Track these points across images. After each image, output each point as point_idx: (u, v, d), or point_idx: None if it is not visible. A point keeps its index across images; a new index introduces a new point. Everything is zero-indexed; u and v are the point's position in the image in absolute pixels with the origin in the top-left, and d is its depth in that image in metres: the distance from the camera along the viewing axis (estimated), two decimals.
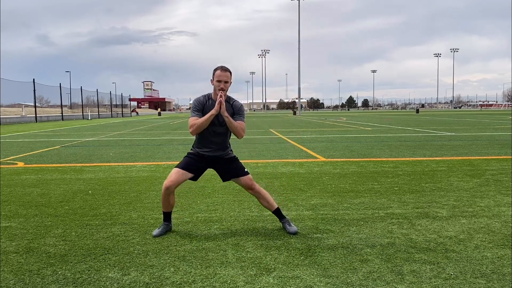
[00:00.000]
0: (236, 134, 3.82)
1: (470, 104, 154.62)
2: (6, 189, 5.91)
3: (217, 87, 3.68)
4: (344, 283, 2.73)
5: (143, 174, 7.10)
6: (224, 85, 3.66)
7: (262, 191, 3.92)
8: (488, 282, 2.73)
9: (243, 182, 3.86)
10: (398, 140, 13.23)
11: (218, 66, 3.74)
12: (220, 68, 3.70)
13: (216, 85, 3.68)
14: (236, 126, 3.75)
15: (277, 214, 3.93)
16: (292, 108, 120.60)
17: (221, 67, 3.72)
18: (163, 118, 50.85)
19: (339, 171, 7.13)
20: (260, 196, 3.90)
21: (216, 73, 3.69)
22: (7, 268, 3.06)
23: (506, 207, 4.58)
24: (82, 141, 14.48)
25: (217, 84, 3.68)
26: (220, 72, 3.68)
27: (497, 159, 8.47)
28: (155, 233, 3.76)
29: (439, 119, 33.76)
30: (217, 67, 3.74)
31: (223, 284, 2.75)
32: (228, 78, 3.69)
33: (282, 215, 3.93)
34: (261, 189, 3.92)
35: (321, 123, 28.81)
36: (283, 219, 3.90)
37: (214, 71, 3.73)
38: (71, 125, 30.44)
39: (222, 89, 3.66)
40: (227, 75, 3.69)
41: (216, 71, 3.70)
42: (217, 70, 3.70)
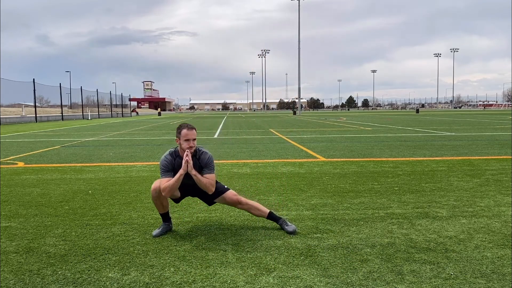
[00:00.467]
0: (205, 189, 3.76)
1: (470, 104, 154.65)
2: (6, 189, 5.91)
3: (185, 148, 3.62)
4: (344, 283, 2.73)
5: (143, 174, 7.10)
6: (192, 143, 3.64)
7: (249, 202, 3.93)
8: (488, 282, 2.73)
9: (228, 199, 3.87)
10: (398, 140, 13.23)
11: (182, 125, 3.69)
12: (186, 127, 3.65)
13: (185, 145, 3.63)
14: (204, 183, 3.69)
15: (271, 218, 3.93)
16: (292, 108, 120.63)
17: (186, 125, 3.67)
18: (163, 118, 50.85)
19: (339, 171, 7.13)
20: (250, 207, 3.91)
21: (182, 133, 3.63)
22: (7, 268, 3.06)
23: (506, 207, 4.58)
24: (82, 141, 14.47)
25: (185, 144, 3.62)
26: (186, 131, 3.63)
27: (497, 159, 8.47)
28: (155, 233, 3.76)
29: (439, 119, 33.76)
30: (181, 125, 3.68)
31: (223, 284, 2.75)
32: (195, 135, 3.67)
33: (277, 217, 3.93)
34: (248, 201, 3.94)
35: (321, 123, 28.81)
36: (279, 220, 3.90)
37: (179, 130, 3.67)
38: (71, 125, 30.44)
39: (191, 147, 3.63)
40: (194, 133, 3.66)
41: (182, 130, 3.64)
42: (183, 129, 3.64)
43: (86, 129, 24.01)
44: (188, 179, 3.72)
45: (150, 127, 25.51)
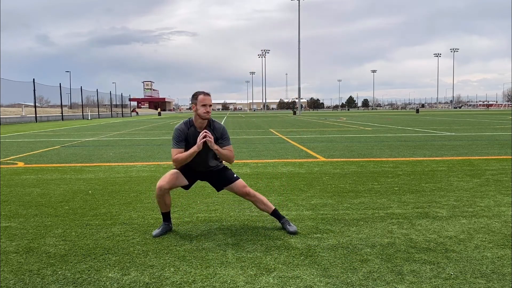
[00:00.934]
0: (228, 161, 3.82)
1: (470, 104, 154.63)
2: (6, 189, 5.91)
3: (203, 113, 3.64)
4: (344, 283, 2.73)
5: (143, 174, 7.10)
6: (209, 108, 3.65)
7: (257, 194, 3.93)
8: (488, 282, 2.73)
9: (236, 188, 3.87)
10: (398, 140, 13.23)
11: (198, 92, 3.70)
12: (202, 93, 3.67)
13: (202, 110, 3.64)
14: (226, 154, 3.74)
15: (275, 215, 3.93)
16: (292, 108, 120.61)
17: (202, 92, 3.69)
18: (163, 118, 50.85)
19: (339, 171, 7.13)
20: (257, 200, 3.91)
21: (199, 98, 3.64)
22: (7, 268, 3.06)
23: (506, 207, 4.58)
24: (82, 141, 14.47)
25: (202, 109, 3.63)
26: (203, 96, 3.65)
27: (497, 159, 8.47)
28: (155, 233, 3.76)
29: (439, 119, 33.76)
30: (198, 92, 3.69)
31: (223, 284, 2.75)
32: (211, 101, 3.68)
33: (280, 215, 3.94)
34: (256, 193, 3.94)
35: (321, 123, 28.80)
36: (281, 219, 3.91)
37: (195, 96, 3.67)
38: (71, 125, 30.44)
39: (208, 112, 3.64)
40: (210, 99, 3.68)
41: (199, 96, 3.66)
42: (200, 95, 3.66)
43: (86, 129, 24.01)
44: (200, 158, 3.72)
45: (150, 127, 25.51)
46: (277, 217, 3.93)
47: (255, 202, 3.92)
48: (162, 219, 3.92)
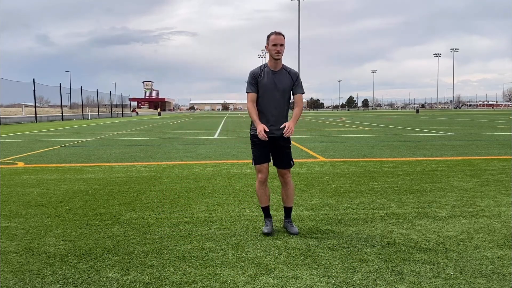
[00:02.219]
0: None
1: (470, 104, 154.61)
2: (6, 189, 5.91)
3: (273, 51, 3.65)
4: (344, 283, 2.73)
5: (143, 174, 7.10)
6: (280, 48, 3.65)
7: (290, 183, 3.94)
8: (488, 282, 2.73)
9: (280, 171, 3.91)
10: (398, 140, 13.23)
11: (271, 32, 3.71)
12: (275, 33, 3.68)
13: (272, 49, 3.65)
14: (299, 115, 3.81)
15: (286, 211, 3.94)
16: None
17: (275, 31, 3.69)
18: (163, 118, 50.85)
19: (339, 171, 7.13)
20: (286, 189, 3.93)
21: (271, 38, 3.66)
22: (7, 268, 3.06)
23: (506, 207, 4.58)
24: (82, 141, 14.47)
25: (273, 48, 3.64)
26: (275, 36, 3.66)
27: (497, 159, 8.47)
28: (267, 230, 3.76)
29: (439, 119, 33.76)
30: (271, 32, 3.71)
31: (223, 284, 2.75)
32: (283, 41, 3.68)
33: (290, 215, 3.94)
34: (290, 182, 3.95)
35: (321, 123, 28.80)
36: (288, 218, 3.91)
37: (268, 36, 3.70)
38: (71, 125, 30.43)
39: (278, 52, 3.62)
40: (282, 38, 3.67)
41: (271, 36, 3.67)
42: (272, 35, 3.68)
43: (86, 129, 24.01)
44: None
45: (150, 127, 25.51)
46: (286, 215, 3.94)
47: (283, 188, 3.95)
48: (264, 216, 3.92)
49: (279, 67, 3.74)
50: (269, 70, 3.74)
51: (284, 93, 3.75)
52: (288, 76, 3.76)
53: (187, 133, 18.78)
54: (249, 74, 3.78)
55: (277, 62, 3.71)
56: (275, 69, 3.74)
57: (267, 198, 3.92)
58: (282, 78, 3.73)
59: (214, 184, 6.03)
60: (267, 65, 3.77)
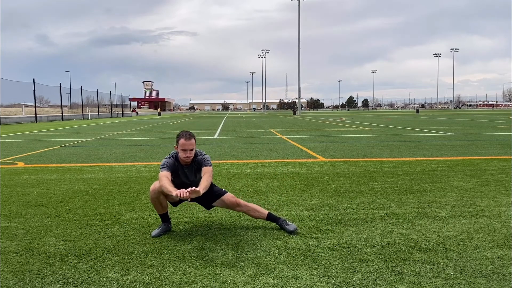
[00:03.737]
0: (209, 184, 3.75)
1: (470, 104, 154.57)
2: (6, 189, 5.91)
3: (183, 157, 3.68)
4: (344, 283, 2.73)
5: (143, 174, 7.10)
6: (190, 153, 3.67)
7: (248, 204, 3.93)
8: (488, 282, 2.73)
9: (227, 201, 3.86)
10: (398, 140, 13.23)
11: (181, 133, 3.69)
12: (184, 136, 3.65)
13: (182, 155, 3.67)
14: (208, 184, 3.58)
15: (271, 219, 3.92)
16: (292, 108, 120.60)
17: (184, 135, 3.66)
18: (163, 118, 50.85)
19: (339, 171, 7.13)
20: (249, 209, 3.91)
21: (180, 142, 3.66)
22: (7, 268, 3.06)
23: (506, 207, 4.58)
24: (82, 141, 14.47)
25: (182, 153, 3.67)
26: (184, 141, 3.64)
27: (497, 159, 8.47)
28: (154, 233, 3.76)
29: (439, 119, 33.76)
30: (181, 134, 3.68)
31: (223, 284, 2.75)
32: (193, 145, 3.69)
33: (276, 217, 3.92)
34: (246, 203, 3.94)
35: (321, 123, 28.80)
36: (278, 220, 3.89)
37: (177, 138, 3.69)
38: (71, 125, 30.44)
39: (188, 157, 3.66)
40: (192, 143, 3.67)
41: (180, 139, 3.66)
42: (181, 138, 3.66)
43: (86, 129, 24.01)
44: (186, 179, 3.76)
45: (150, 127, 25.51)
46: (274, 220, 3.91)
47: (248, 212, 3.92)
48: (161, 220, 3.92)
49: (189, 163, 3.76)
50: (181, 166, 3.76)
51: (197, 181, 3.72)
52: (196, 167, 3.78)
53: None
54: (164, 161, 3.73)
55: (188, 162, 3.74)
56: (187, 165, 3.77)
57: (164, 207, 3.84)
58: (193, 171, 3.78)
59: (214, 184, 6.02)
60: (178, 160, 3.76)
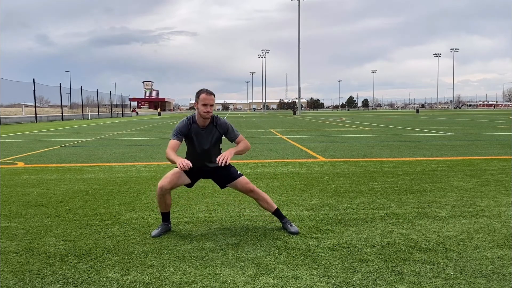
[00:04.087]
0: (247, 151, 3.91)
1: (470, 104, 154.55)
2: (6, 189, 5.91)
3: (203, 112, 3.63)
4: (344, 283, 2.73)
5: (143, 174, 7.10)
6: (210, 108, 3.63)
7: (260, 192, 3.92)
8: (488, 282, 2.73)
9: (239, 185, 3.85)
10: (398, 140, 13.23)
11: (201, 90, 3.68)
12: (205, 92, 3.64)
13: (202, 109, 3.63)
14: (242, 149, 3.82)
15: (277, 215, 3.93)
16: (292, 108, 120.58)
17: (206, 90, 3.66)
18: (163, 118, 50.84)
19: (339, 171, 7.13)
20: (259, 198, 3.90)
21: (201, 97, 3.63)
22: (7, 268, 3.06)
23: (506, 207, 4.58)
24: (82, 141, 14.47)
25: (203, 108, 3.62)
26: (205, 95, 3.62)
27: (497, 159, 8.47)
28: (154, 233, 3.75)
29: (439, 119, 33.76)
30: (201, 90, 3.67)
31: (223, 284, 2.75)
32: (213, 101, 3.66)
33: (282, 215, 3.93)
34: (259, 190, 3.93)
35: (321, 123, 28.80)
36: (283, 219, 3.90)
37: (197, 94, 3.67)
38: (71, 125, 30.44)
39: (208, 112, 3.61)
40: (212, 98, 3.65)
41: (201, 94, 3.64)
42: (202, 93, 3.64)
43: (86, 129, 24.01)
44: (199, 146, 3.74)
45: (150, 127, 25.51)
46: (279, 217, 3.92)
47: (258, 199, 3.91)
48: (162, 219, 3.92)
49: (207, 123, 3.74)
50: (197, 128, 3.73)
51: (213, 146, 3.75)
52: (215, 130, 3.76)
53: None
54: (178, 124, 3.75)
55: (206, 120, 3.71)
56: (203, 126, 3.74)
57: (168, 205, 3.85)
58: (210, 135, 3.76)
59: (214, 184, 6.01)
60: (195, 120, 3.75)
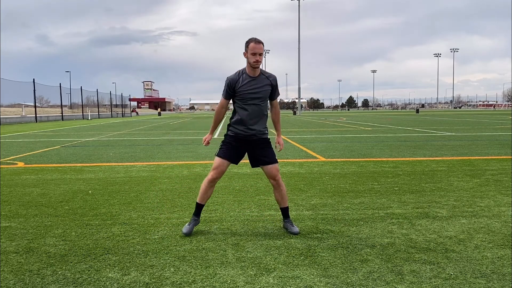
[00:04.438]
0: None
1: (470, 104, 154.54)
2: (6, 189, 5.91)
3: (252, 62, 3.59)
4: (344, 283, 2.73)
5: (143, 174, 7.10)
6: (259, 57, 3.59)
7: (282, 185, 3.90)
8: (488, 282, 2.73)
9: (270, 170, 3.84)
10: (398, 140, 13.23)
11: (250, 39, 3.64)
12: (254, 41, 3.60)
13: (252, 59, 3.59)
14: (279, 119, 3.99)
15: (283, 212, 3.92)
16: (292, 108, 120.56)
17: (255, 39, 3.62)
18: (163, 118, 50.84)
19: (339, 171, 7.13)
20: (278, 189, 3.88)
21: (250, 46, 3.58)
22: (7, 268, 3.06)
23: (506, 207, 4.58)
24: (82, 141, 14.47)
25: (252, 57, 3.58)
26: (254, 44, 3.58)
27: (497, 159, 8.47)
28: (186, 230, 3.72)
29: (439, 119, 33.76)
30: (250, 39, 3.64)
31: (223, 284, 2.75)
32: (262, 50, 3.62)
33: (288, 215, 3.92)
34: (282, 184, 3.91)
35: (321, 123, 28.80)
36: (286, 218, 3.90)
37: (247, 44, 3.62)
38: (71, 125, 30.43)
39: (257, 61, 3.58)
40: (261, 47, 3.60)
41: (250, 43, 3.59)
42: (251, 42, 3.59)
43: (86, 129, 24.01)
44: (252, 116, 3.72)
45: (150, 127, 25.50)
46: (284, 215, 3.92)
47: (275, 189, 3.90)
48: (194, 212, 3.85)
49: (257, 73, 3.71)
50: (247, 77, 3.69)
51: (263, 99, 3.74)
52: (267, 81, 3.73)
53: (187, 133, 18.78)
54: (227, 79, 3.73)
55: (256, 69, 3.68)
56: (254, 76, 3.70)
57: (207, 198, 3.87)
58: (261, 84, 3.70)
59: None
60: (245, 71, 3.72)
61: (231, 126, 3.84)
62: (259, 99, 3.71)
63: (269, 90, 3.75)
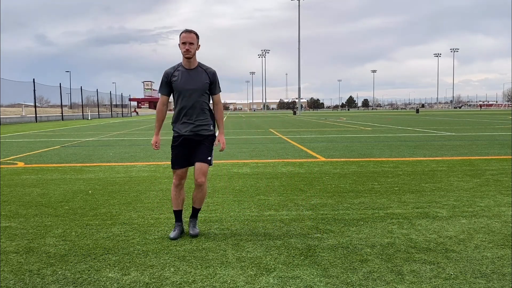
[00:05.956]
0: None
1: (470, 104, 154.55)
2: (6, 189, 5.91)
3: (182, 51, 3.56)
4: (344, 283, 2.73)
5: (143, 174, 7.10)
6: (189, 46, 3.53)
7: (205, 189, 3.78)
8: (488, 282, 2.73)
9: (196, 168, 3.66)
10: (398, 140, 13.24)
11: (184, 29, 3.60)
12: (185, 31, 3.56)
13: (182, 47, 3.55)
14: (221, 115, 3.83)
15: (193, 212, 3.85)
16: (292, 108, 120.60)
17: (186, 29, 3.58)
18: None
19: (339, 171, 7.13)
20: (199, 191, 3.75)
21: (181, 36, 3.56)
22: (7, 268, 3.06)
23: (506, 207, 4.58)
24: (82, 141, 14.47)
25: (182, 46, 3.54)
26: (184, 34, 3.54)
27: (497, 159, 8.47)
28: (173, 235, 3.68)
29: (439, 119, 33.76)
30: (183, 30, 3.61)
31: (223, 284, 2.75)
32: (193, 39, 3.55)
33: (196, 216, 3.86)
34: (205, 188, 3.79)
35: (321, 123, 28.80)
36: (193, 218, 3.84)
37: (180, 35, 3.59)
38: (71, 125, 30.44)
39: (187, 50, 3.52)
40: (191, 36, 3.54)
41: (181, 34, 3.57)
42: (182, 33, 3.57)
43: (86, 129, 24.01)
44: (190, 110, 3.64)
45: (150, 127, 25.50)
46: (192, 215, 3.84)
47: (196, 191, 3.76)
48: (175, 219, 3.83)
49: (193, 66, 3.64)
50: (183, 69, 3.63)
51: (201, 92, 3.63)
52: (204, 74, 3.66)
53: None
54: (163, 74, 3.68)
55: (190, 60, 3.61)
56: (190, 67, 3.63)
57: (181, 202, 3.82)
58: (197, 76, 3.63)
59: (214, 184, 6.03)
60: (181, 64, 3.66)
61: (172, 123, 3.77)
62: (196, 91, 3.61)
63: (207, 83, 3.65)
